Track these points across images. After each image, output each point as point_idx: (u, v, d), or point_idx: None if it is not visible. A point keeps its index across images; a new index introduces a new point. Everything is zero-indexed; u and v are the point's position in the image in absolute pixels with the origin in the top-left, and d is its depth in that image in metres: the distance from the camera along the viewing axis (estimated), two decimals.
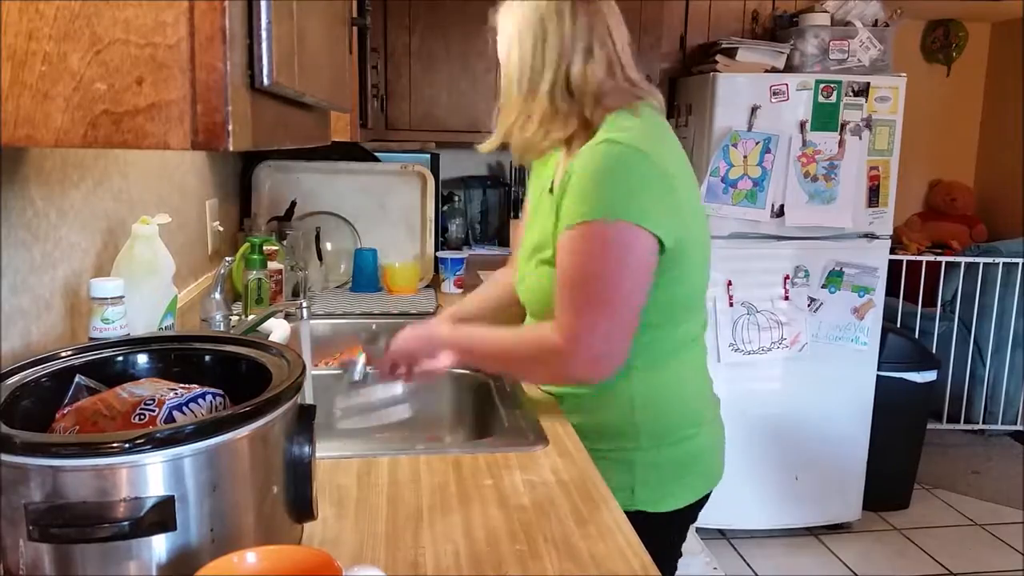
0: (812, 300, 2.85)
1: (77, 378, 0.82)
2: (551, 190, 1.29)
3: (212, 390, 0.80)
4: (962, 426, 3.86)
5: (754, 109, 2.72)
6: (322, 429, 0.83)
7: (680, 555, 1.44)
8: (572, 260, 1.15)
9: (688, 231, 1.20)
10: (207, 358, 0.90)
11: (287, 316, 1.67)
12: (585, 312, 1.14)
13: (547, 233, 1.25)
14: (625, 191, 1.14)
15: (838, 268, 2.85)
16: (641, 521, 1.04)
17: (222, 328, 1.57)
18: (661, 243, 1.15)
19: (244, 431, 0.71)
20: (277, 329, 1.59)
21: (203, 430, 0.68)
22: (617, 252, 1.14)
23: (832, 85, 2.74)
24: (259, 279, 1.82)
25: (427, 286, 2.41)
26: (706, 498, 1.38)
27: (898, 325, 3.55)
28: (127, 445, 0.64)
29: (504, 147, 1.31)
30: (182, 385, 0.79)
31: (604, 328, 1.15)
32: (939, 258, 3.73)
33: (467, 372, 1.60)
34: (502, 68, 1.25)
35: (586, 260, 1.14)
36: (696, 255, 1.25)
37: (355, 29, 1.30)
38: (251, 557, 0.67)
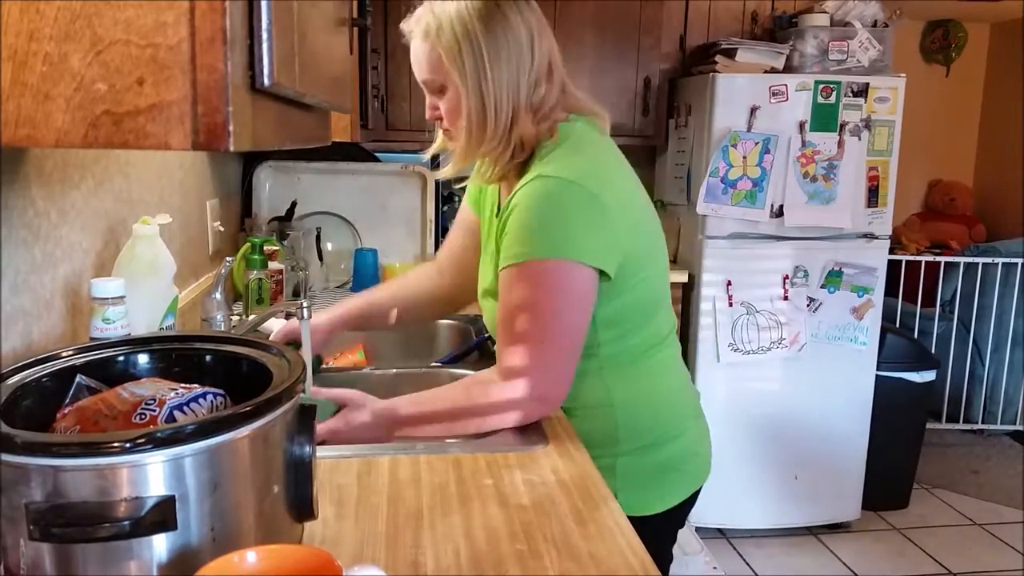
0: (811, 300, 2.86)
1: (78, 378, 0.82)
2: (497, 213, 1.28)
3: (213, 390, 0.80)
4: (961, 426, 3.86)
5: (753, 110, 2.72)
6: None
7: (671, 558, 1.44)
8: (510, 300, 1.15)
9: (635, 247, 1.20)
10: (208, 358, 0.90)
11: (288, 316, 1.67)
12: (524, 352, 1.14)
13: (488, 265, 1.28)
14: (560, 229, 1.14)
15: (837, 268, 2.85)
16: (633, 523, 1.04)
17: (223, 328, 1.57)
18: (604, 272, 1.16)
19: (245, 431, 0.71)
20: (277, 329, 1.59)
21: (204, 430, 0.68)
22: (554, 290, 1.14)
23: (831, 86, 2.74)
24: (260, 279, 1.82)
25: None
26: (695, 496, 1.37)
27: (897, 325, 3.55)
28: (128, 445, 0.64)
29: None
30: (183, 385, 0.79)
31: (544, 366, 1.15)
32: (938, 258, 3.73)
33: (467, 372, 1.60)
34: (467, 98, 1.17)
35: (524, 300, 1.14)
36: (649, 265, 1.25)
37: (355, 29, 1.30)
38: (251, 556, 0.67)
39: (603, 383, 1.26)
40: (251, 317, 1.63)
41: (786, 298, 2.84)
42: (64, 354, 0.85)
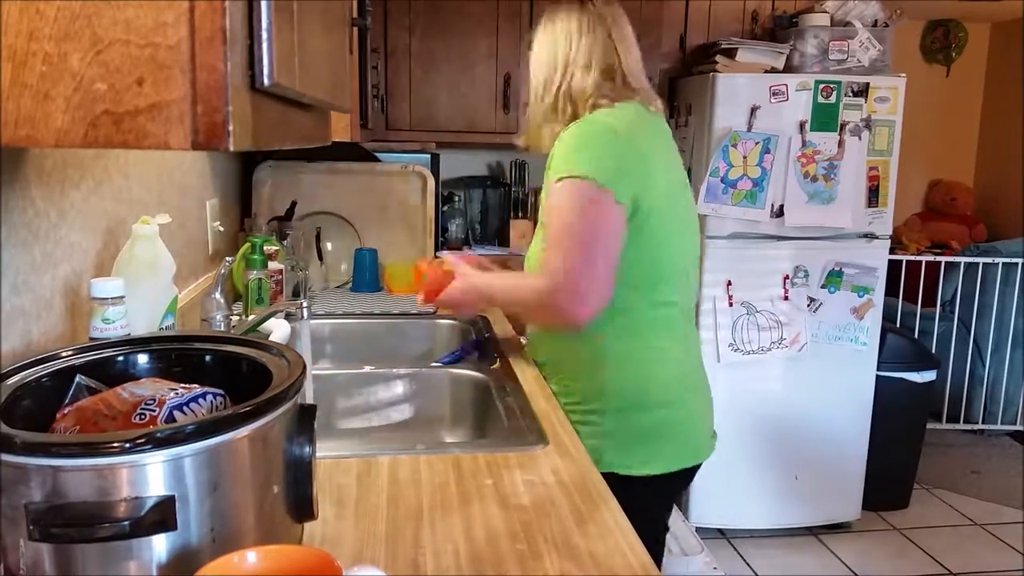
0: (812, 300, 2.86)
1: (78, 378, 0.82)
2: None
3: (213, 390, 0.80)
4: (962, 426, 3.86)
5: (754, 109, 2.72)
6: (322, 429, 0.83)
7: (666, 528, 1.55)
8: (551, 212, 1.36)
9: (652, 196, 1.36)
10: (208, 358, 0.90)
11: (287, 316, 1.67)
12: (561, 255, 1.33)
13: (538, 234, 1.48)
14: (588, 156, 1.35)
15: (837, 268, 2.85)
16: (615, 483, 1.15)
17: (222, 328, 1.57)
18: (623, 203, 1.34)
19: (244, 431, 0.71)
20: (278, 329, 1.59)
21: (204, 430, 0.68)
22: (582, 204, 1.33)
23: (832, 85, 2.74)
24: (259, 279, 1.82)
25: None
26: (690, 474, 1.47)
27: (898, 325, 3.55)
28: (128, 445, 0.64)
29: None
30: (183, 385, 0.79)
31: (579, 267, 1.31)
32: (938, 258, 3.73)
33: (467, 372, 1.61)
34: (533, 75, 1.50)
35: (561, 211, 1.34)
36: (665, 223, 1.40)
37: (355, 29, 1.30)
38: (251, 557, 0.67)
39: (603, 339, 1.40)
40: (251, 317, 1.63)
41: (786, 298, 2.84)
42: (64, 354, 0.85)
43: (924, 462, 3.27)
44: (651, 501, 1.44)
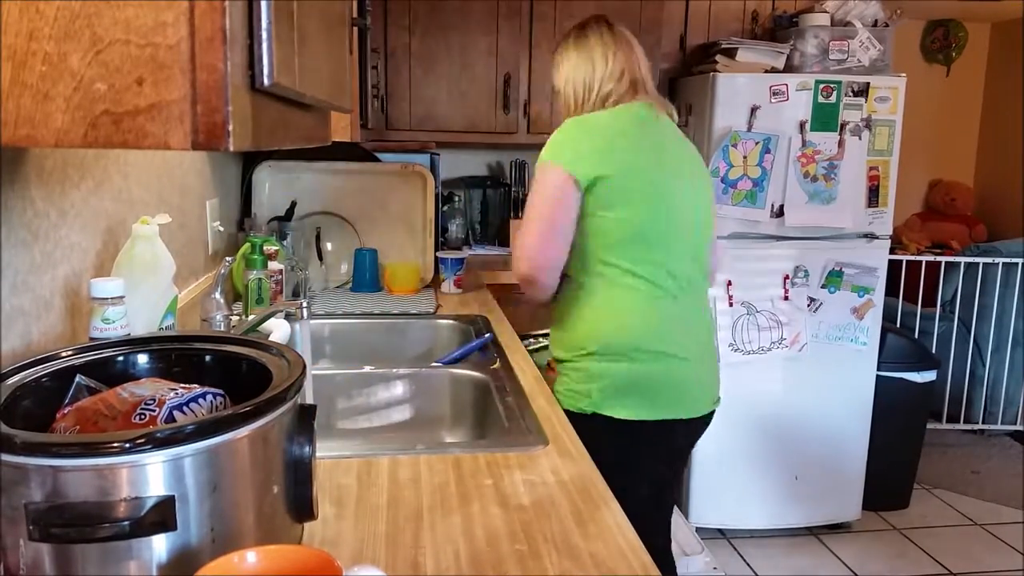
0: (812, 300, 2.85)
1: (77, 378, 0.82)
2: None
3: (212, 390, 0.80)
4: (962, 426, 3.86)
5: (754, 109, 2.72)
6: (322, 429, 0.83)
7: (658, 475, 1.68)
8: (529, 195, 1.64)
9: (615, 180, 1.57)
10: (207, 358, 0.90)
11: (287, 316, 1.67)
12: (524, 229, 1.61)
13: None
14: (555, 144, 1.61)
15: (838, 268, 2.85)
16: (603, 423, 1.56)
17: (222, 328, 1.57)
18: (578, 181, 1.57)
19: (244, 431, 0.71)
20: (277, 329, 1.59)
21: (203, 430, 0.68)
22: (542, 186, 1.59)
23: (832, 85, 2.74)
24: (259, 279, 1.82)
25: (427, 286, 2.41)
26: (683, 428, 1.63)
27: (898, 325, 3.55)
28: (127, 445, 0.64)
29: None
30: (183, 385, 0.79)
31: (531, 240, 1.59)
32: (939, 258, 3.73)
33: (467, 372, 1.61)
34: (566, 97, 1.73)
35: (531, 192, 1.62)
36: (634, 205, 1.59)
37: (355, 29, 1.30)
38: (251, 557, 0.67)
39: (589, 297, 1.62)
40: (251, 317, 1.63)
41: (786, 298, 2.84)
42: (64, 354, 0.85)
43: (924, 462, 3.27)
44: (642, 447, 1.60)
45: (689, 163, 1.72)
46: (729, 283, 2.81)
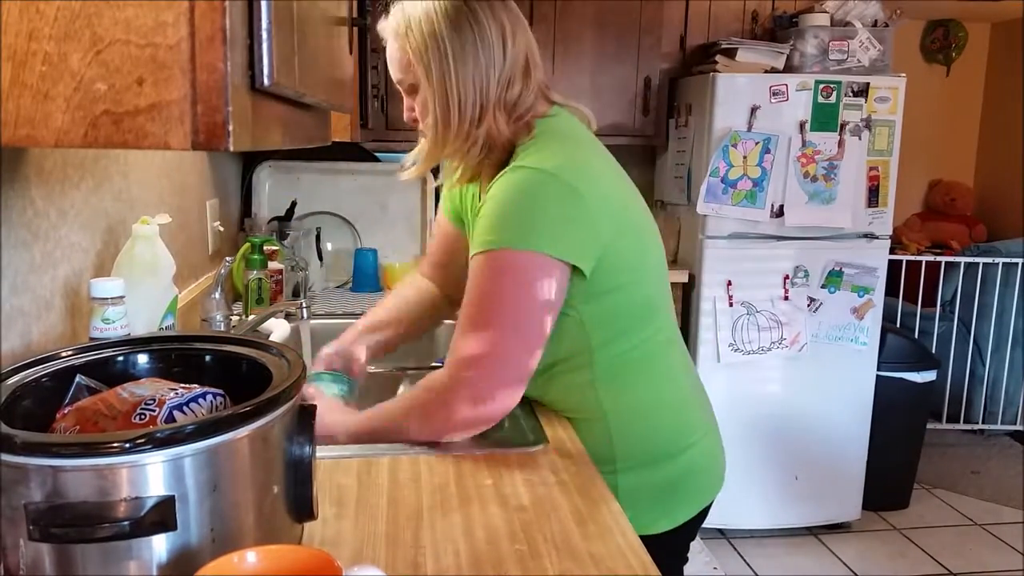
0: (812, 300, 2.86)
1: (77, 378, 0.82)
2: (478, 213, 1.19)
3: (213, 390, 0.80)
4: (962, 426, 3.86)
5: (754, 109, 2.72)
6: None
7: (682, 574, 1.38)
8: (472, 288, 1.11)
9: (618, 244, 1.15)
10: (207, 358, 0.90)
11: (287, 316, 1.67)
12: (477, 341, 1.08)
13: None
14: (530, 219, 1.09)
15: (838, 268, 2.85)
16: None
17: (222, 328, 1.57)
18: (579, 269, 1.12)
19: (244, 431, 0.71)
20: (277, 329, 1.60)
21: (203, 430, 0.68)
22: (516, 282, 1.09)
23: (832, 85, 2.74)
24: (259, 279, 1.82)
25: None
26: (705, 511, 1.31)
27: (898, 325, 3.55)
28: (127, 445, 0.64)
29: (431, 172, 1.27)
30: (183, 385, 0.79)
31: (496, 357, 1.09)
32: (939, 258, 3.73)
33: None
34: (432, 94, 1.15)
35: (485, 289, 1.10)
36: (639, 265, 1.21)
37: (355, 29, 1.30)
38: (251, 557, 0.67)
39: (595, 395, 1.22)
40: (251, 317, 1.63)
41: (786, 298, 2.84)
42: (64, 354, 0.85)
43: (924, 462, 3.27)
44: (676, 549, 1.31)
45: (630, 183, 1.28)
46: (729, 283, 2.81)
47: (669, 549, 1.21)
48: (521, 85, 1.17)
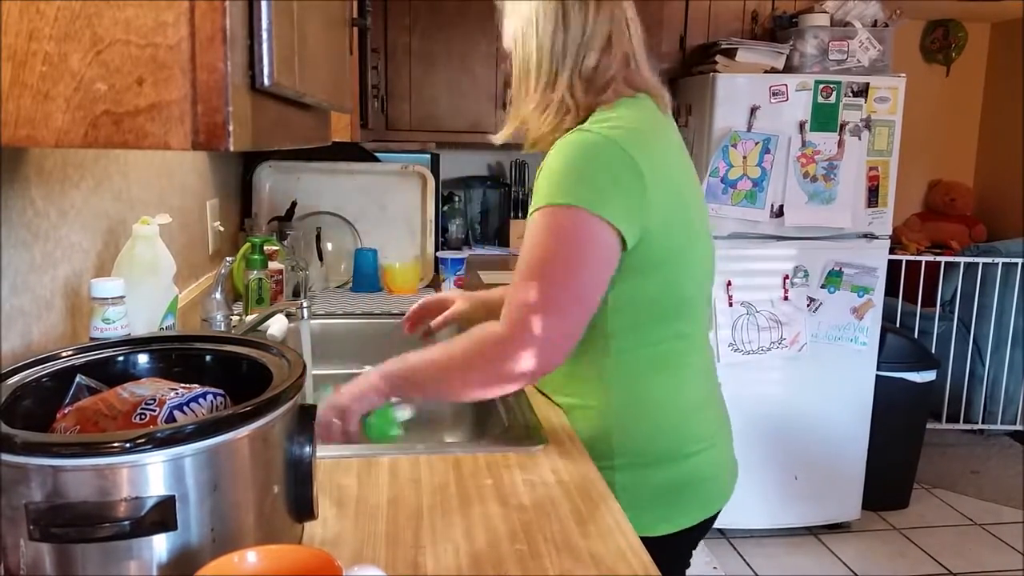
0: (811, 300, 2.86)
1: (78, 378, 0.82)
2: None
3: (213, 390, 0.80)
4: (961, 426, 3.86)
5: (753, 109, 2.72)
6: None
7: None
8: (529, 244, 1.11)
9: (663, 229, 1.13)
10: (208, 358, 0.90)
11: (287, 316, 1.67)
12: (533, 295, 1.07)
13: None
14: (588, 179, 1.10)
15: (837, 268, 2.85)
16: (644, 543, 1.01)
17: (223, 328, 1.57)
18: (623, 239, 1.10)
19: (245, 431, 0.71)
20: (275, 323, 1.60)
21: (204, 430, 0.68)
22: (574, 239, 1.09)
23: (831, 85, 2.74)
24: (260, 279, 1.82)
25: (427, 286, 2.42)
26: (711, 521, 1.27)
27: (897, 325, 3.55)
28: (128, 445, 0.64)
29: (503, 147, 1.27)
30: (183, 385, 0.79)
31: (550, 314, 1.07)
32: (938, 258, 3.73)
33: None
34: (516, 56, 1.21)
35: (542, 244, 1.09)
36: (679, 259, 1.18)
37: (355, 29, 1.30)
38: (251, 557, 0.67)
39: (604, 385, 1.20)
40: (251, 317, 1.63)
41: (786, 298, 2.84)
42: (64, 354, 0.85)
43: (924, 462, 3.27)
44: (677, 553, 1.28)
45: (695, 179, 1.30)
46: (729, 283, 2.81)
47: (669, 552, 1.17)
48: (598, 58, 1.19)
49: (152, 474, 0.65)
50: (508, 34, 1.24)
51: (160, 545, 0.66)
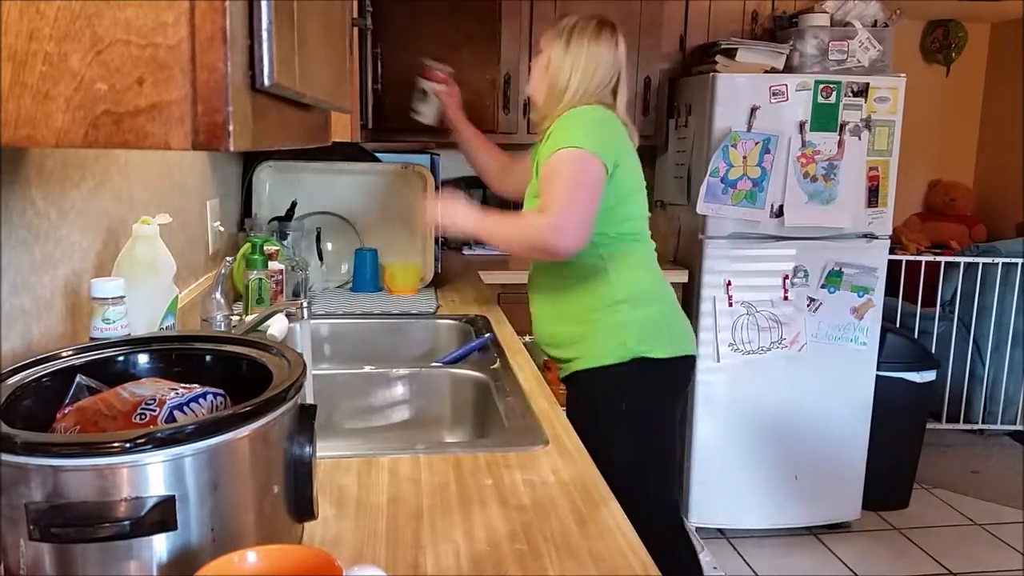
0: (811, 300, 2.86)
1: (78, 378, 0.82)
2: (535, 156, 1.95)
3: (213, 390, 0.80)
4: (961, 426, 3.86)
5: (753, 109, 2.72)
6: (322, 429, 0.83)
7: (678, 418, 1.96)
8: (556, 172, 1.74)
9: (624, 168, 1.80)
10: (208, 358, 0.90)
11: (288, 316, 1.67)
12: (561, 202, 1.71)
13: (532, 183, 1.93)
14: (585, 132, 1.75)
15: (837, 268, 2.85)
16: (646, 366, 1.78)
17: (223, 328, 1.57)
18: (608, 170, 1.75)
19: (245, 431, 0.71)
20: (275, 323, 1.60)
21: (204, 430, 0.68)
22: (583, 169, 1.73)
23: (831, 85, 2.74)
24: (260, 279, 1.82)
25: (427, 286, 2.41)
26: (690, 367, 1.92)
27: (897, 325, 3.55)
28: (128, 445, 0.64)
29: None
30: (183, 385, 0.79)
31: (575, 214, 1.71)
32: (938, 258, 3.73)
33: (467, 372, 1.61)
34: (558, 79, 1.85)
35: (569, 172, 1.73)
36: (631, 191, 1.86)
37: (355, 29, 1.30)
38: (251, 557, 0.67)
39: (606, 261, 1.83)
40: (251, 317, 1.63)
41: (786, 298, 2.84)
42: (64, 354, 0.85)
43: (924, 462, 3.27)
44: (668, 382, 1.87)
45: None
46: (729, 283, 2.81)
47: (669, 374, 1.85)
48: (599, 93, 1.85)
49: (152, 474, 0.65)
50: (549, 46, 1.88)
51: (160, 545, 0.66)
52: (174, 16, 0.55)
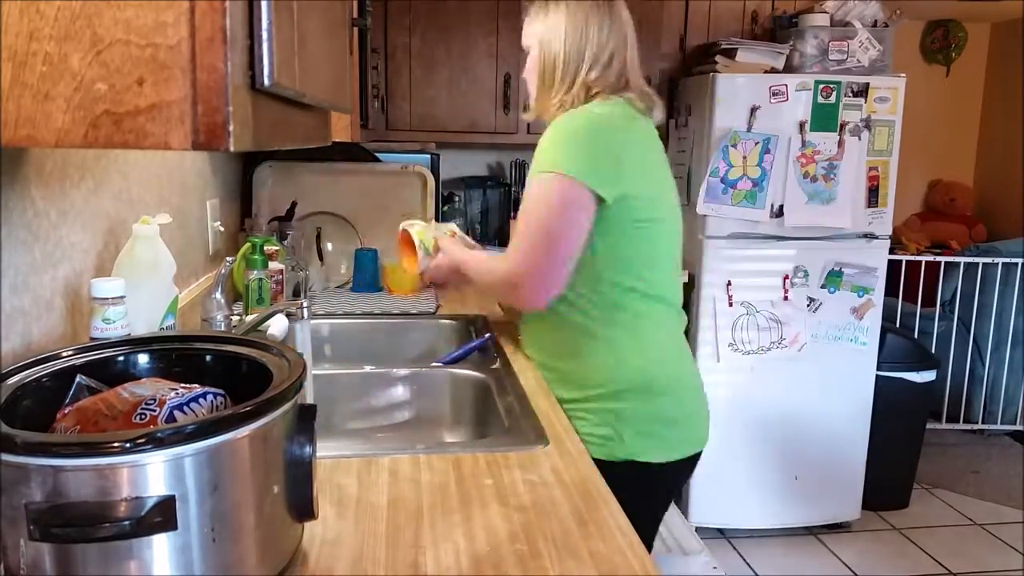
0: (811, 300, 2.86)
1: (78, 378, 0.82)
2: None
3: (213, 390, 0.80)
4: (961, 426, 3.86)
5: (753, 109, 2.72)
6: (322, 429, 0.83)
7: (659, 520, 1.58)
8: (526, 205, 1.40)
9: (640, 193, 1.40)
10: (208, 358, 0.90)
11: (288, 316, 1.67)
12: (528, 245, 1.38)
13: None
14: (570, 147, 1.38)
15: (837, 268, 2.85)
16: (636, 471, 1.38)
17: (223, 328, 1.57)
18: (602, 199, 1.36)
19: (245, 431, 0.71)
20: (275, 323, 1.59)
21: (204, 430, 0.68)
22: (559, 202, 1.36)
23: (831, 86, 2.74)
24: (260, 279, 1.82)
25: (427, 286, 2.41)
26: (693, 463, 1.51)
27: (897, 325, 3.55)
28: (128, 445, 0.64)
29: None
30: (183, 385, 0.79)
31: (536, 265, 1.37)
32: (938, 258, 3.73)
33: (467, 372, 1.61)
34: (538, 57, 1.48)
35: (536, 207, 1.38)
36: (656, 222, 1.44)
37: (355, 29, 1.30)
38: None
39: (610, 334, 1.44)
40: (251, 317, 1.63)
41: (786, 298, 2.84)
42: (64, 354, 0.85)
43: (924, 462, 3.27)
44: (662, 487, 1.50)
45: (666, 166, 1.56)
46: (729, 283, 2.81)
47: (664, 481, 1.48)
48: (599, 72, 1.46)
49: (152, 474, 0.65)
50: (531, 35, 1.50)
51: (160, 545, 0.66)
52: (174, 16, 0.55)
